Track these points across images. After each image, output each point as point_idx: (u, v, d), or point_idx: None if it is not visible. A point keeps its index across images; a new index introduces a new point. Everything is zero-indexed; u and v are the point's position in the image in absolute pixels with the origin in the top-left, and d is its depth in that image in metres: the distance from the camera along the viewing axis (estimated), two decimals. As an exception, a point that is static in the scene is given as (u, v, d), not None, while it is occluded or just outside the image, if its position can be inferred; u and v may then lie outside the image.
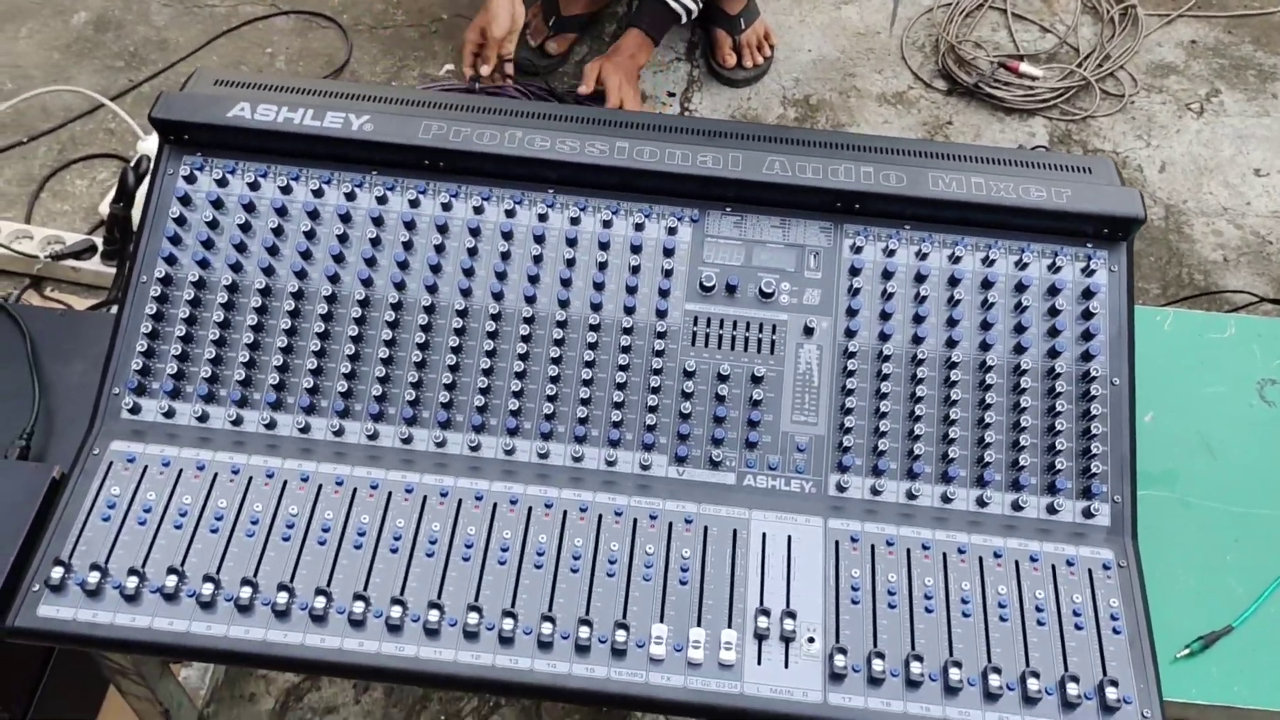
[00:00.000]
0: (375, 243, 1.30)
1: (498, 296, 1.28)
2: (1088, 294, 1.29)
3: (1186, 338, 1.49)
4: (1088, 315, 1.28)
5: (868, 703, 1.09)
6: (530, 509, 1.20)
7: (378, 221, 1.31)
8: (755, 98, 2.65)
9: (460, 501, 1.20)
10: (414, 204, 1.31)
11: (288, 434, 1.24)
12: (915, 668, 1.10)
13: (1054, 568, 1.18)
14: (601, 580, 1.15)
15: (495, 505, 1.20)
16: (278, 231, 1.30)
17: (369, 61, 2.69)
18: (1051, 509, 1.22)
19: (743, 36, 2.63)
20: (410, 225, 1.31)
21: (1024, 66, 2.66)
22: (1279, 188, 2.53)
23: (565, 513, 1.20)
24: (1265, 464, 1.37)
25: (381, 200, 1.31)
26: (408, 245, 1.30)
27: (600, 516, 1.20)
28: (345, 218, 1.31)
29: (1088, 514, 1.21)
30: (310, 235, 1.30)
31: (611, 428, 1.24)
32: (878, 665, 1.10)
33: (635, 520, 1.20)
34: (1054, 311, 1.28)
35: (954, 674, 1.09)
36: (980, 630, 1.14)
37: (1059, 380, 1.26)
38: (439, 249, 1.30)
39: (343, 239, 1.30)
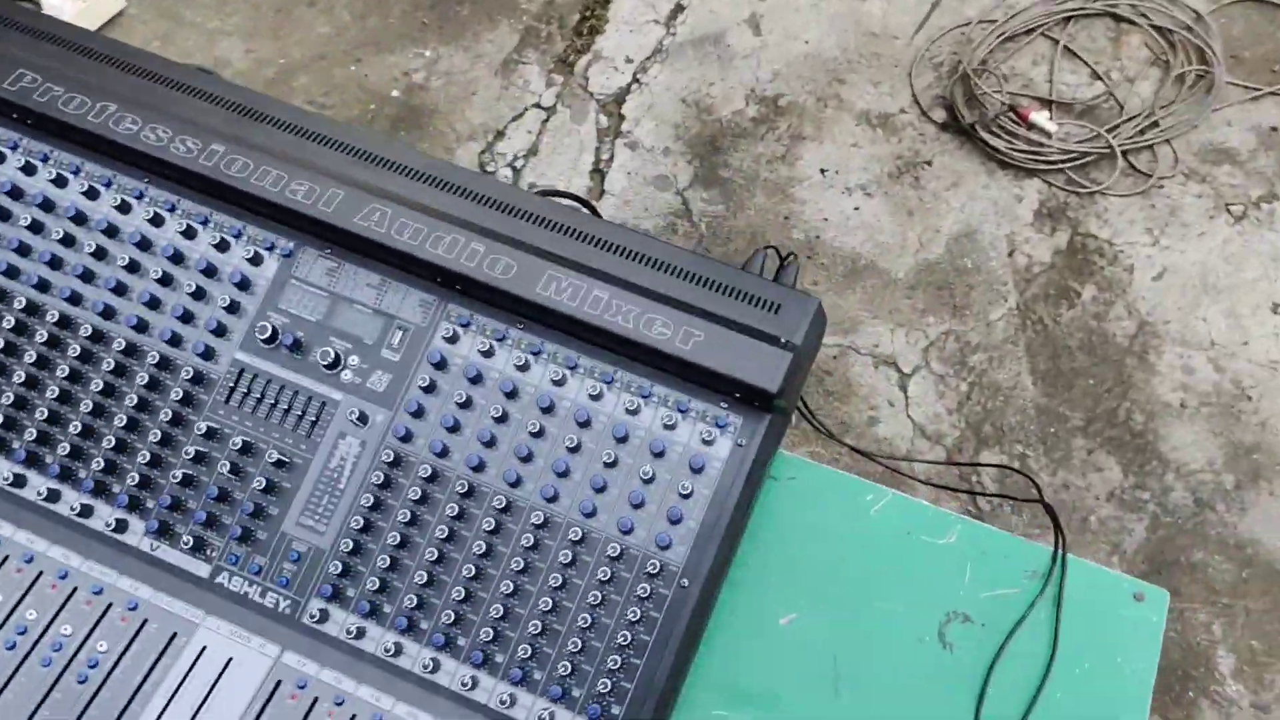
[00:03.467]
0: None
1: (41, 288, 1.11)
2: (694, 469, 1.02)
3: (891, 532, 1.19)
4: (684, 495, 1.02)
5: None
6: (-32, 545, 1.05)
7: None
8: (719, 83, 2.34)
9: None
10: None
11: None
12: None
13: (507, 793, 0.96)
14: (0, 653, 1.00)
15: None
16: None
17: None
18: (549, 717, 0.99)
19: None
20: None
21: (1035, 115, 2.25)
22: (1294, 333, 2.08)
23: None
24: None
25: (-40, 147, 1.15)
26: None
27: (40, 574, 1.04)
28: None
29: (584, 736, 0.98)
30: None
31: (103, 472, 1.07)
32: None
33: (75, 589, 1.04)
34: (649, 480, 1.03)
35: None
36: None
37: (621, 562, 1.01)
38: (-1, 218, 1.13)
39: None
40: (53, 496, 1.07)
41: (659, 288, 1.07)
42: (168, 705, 0.99)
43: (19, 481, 1.07)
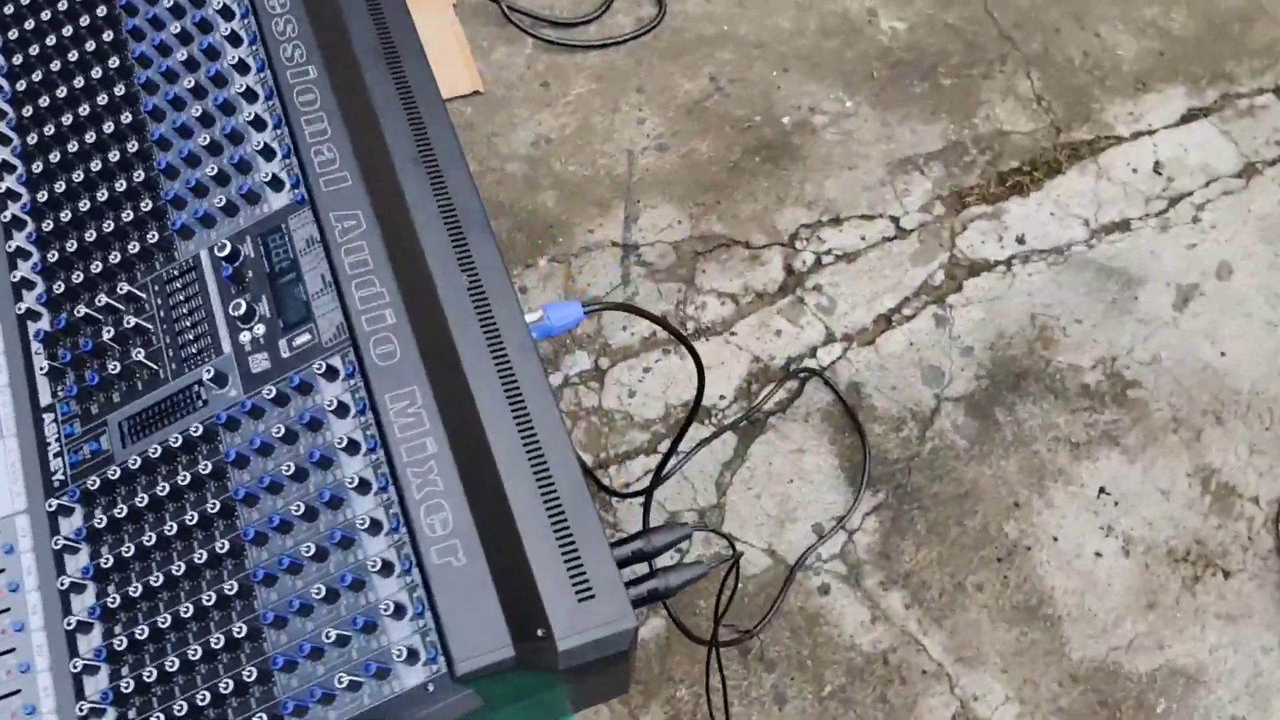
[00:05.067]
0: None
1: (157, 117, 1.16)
2: (374, 672, 0.88)
3: None
4: (347, 685, 0.89)
5: None
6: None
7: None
8: (1085, 326, 1.94)
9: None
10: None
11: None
12: None
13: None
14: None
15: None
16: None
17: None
18: (101, 753, 0.93)
19: None
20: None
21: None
22: None
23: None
24: None
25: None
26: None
27: None
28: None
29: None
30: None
31: (56, 264, 1.12)
32: None
33: None
34: (341, 643, 0.90)
35: None
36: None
37: (253, 689, 0.91)
38: None
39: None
40: (11, 260, 1.14)
41: (506, 484, 0.91)
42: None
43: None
